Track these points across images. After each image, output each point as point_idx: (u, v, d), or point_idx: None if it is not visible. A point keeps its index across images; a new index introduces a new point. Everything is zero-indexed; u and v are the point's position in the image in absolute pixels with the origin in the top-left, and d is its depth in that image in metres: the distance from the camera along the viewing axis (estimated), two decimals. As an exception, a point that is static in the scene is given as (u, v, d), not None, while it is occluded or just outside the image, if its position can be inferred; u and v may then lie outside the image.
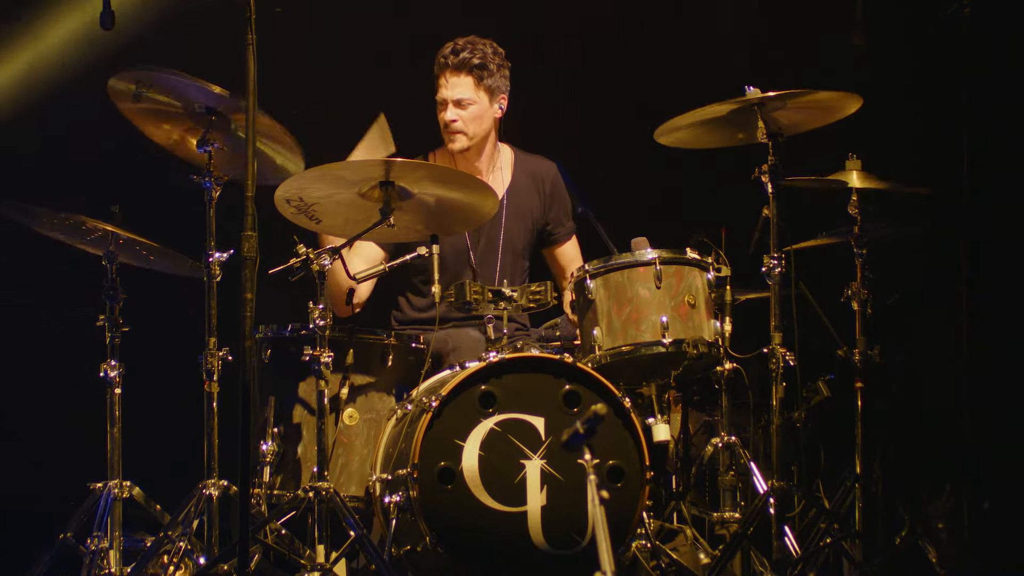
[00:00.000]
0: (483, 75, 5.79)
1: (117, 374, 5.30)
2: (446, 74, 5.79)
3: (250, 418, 4.43)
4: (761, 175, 5.34)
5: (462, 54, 5.76)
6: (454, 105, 5.80)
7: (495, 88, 5.83)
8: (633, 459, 5.07)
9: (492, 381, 5.03)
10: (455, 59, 5.77)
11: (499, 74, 5.83)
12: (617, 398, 5.08)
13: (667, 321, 5.25)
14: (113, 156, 6.59)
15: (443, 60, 5.80)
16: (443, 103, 5.82)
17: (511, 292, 5.27)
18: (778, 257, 5.33)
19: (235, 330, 4.44)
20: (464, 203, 5.20)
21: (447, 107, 5.81)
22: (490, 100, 5.83)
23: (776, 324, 5.28)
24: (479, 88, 5.80)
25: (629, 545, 5.07)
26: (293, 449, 5.29)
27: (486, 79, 5.80)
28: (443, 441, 4.97)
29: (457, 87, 5.79)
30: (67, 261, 6.08)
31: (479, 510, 4.95)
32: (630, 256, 5.37)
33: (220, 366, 5.12)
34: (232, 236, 4.59)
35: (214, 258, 5.14)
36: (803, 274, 5.57)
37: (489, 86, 5.81)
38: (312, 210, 5.15)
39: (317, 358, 5.07)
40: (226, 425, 5.17)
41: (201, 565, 5.01)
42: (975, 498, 5.62)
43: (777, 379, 5.27)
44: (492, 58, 5.81)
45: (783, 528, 5.20)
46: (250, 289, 4.40)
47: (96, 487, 5.25)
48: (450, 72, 5.78)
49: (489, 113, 5.85)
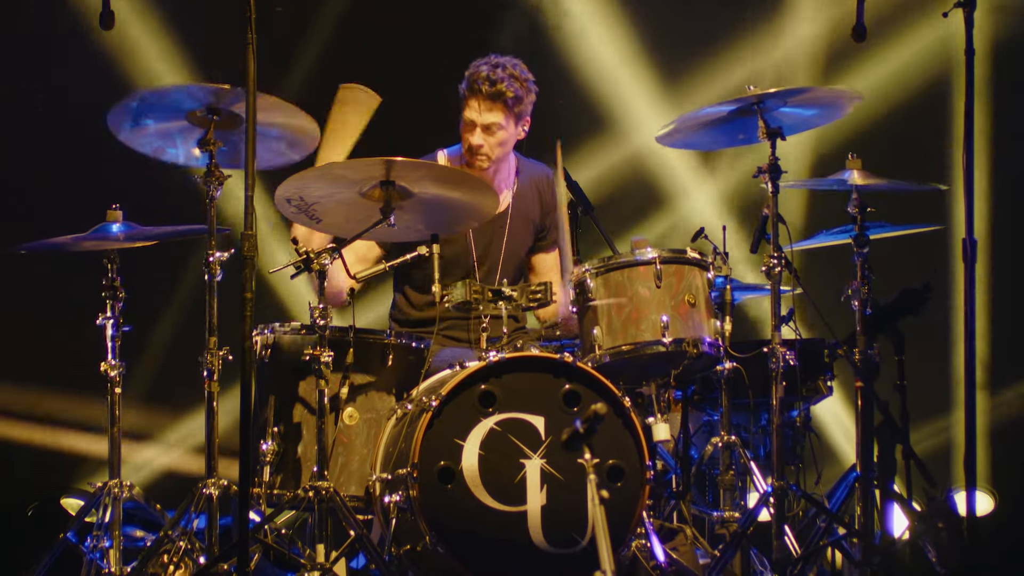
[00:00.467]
0: (515, 106, 5.76)
1: (117, 373, 5.30)
2: (478, 100, 5.74)
3: (249, 418, 4.42)
4: (761, 174, 5.34)
5: (498, 85, 5.71)
6: (483, 130, 5.76)
7: (522, 114, 5.81)
8: (633, 459, 5.07)
9: (492, 380, 5.03)
10: (490, 89, 5.71)
11: (527, 100, 5.81)
12: (617, 397, 5.08)
13: (667, 320, 5.25)
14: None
15: (477, 87, 5.73)
16: (471, 124, 5.77)
17: (511, 292, 5.27)
18: (778, 256, 5.32)
19: (235, 329, 4.44)
20: (464, 202, 5.20)
21: (474, 130, 5.76)
22: (516, 125, 5.81)
23: (776, 323, 5.28)
24: (509, 117, 5.76)
25: (629, 544, 5.07)
26: (293, 449, 5.29)
27: (516, 108, 5.77)
28: (443, 441, 4.97)
29: (488, 115, 5.74)
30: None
31: (479, 510, 4.94)
32: (630, 255, 5.37)
33: (220, 365, 5.13)
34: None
35: (214, 257, 5.14)
36: (802, 274, 5.58)
37: (518, 113, 5.79)
38: (313, 209, 5.15)
39: (317, 357, 5.07)
40: (226, 425, 5.19)
41: (201, 565, 5.01)
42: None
43: (777, 378, 5.27)
44: (524, 87, 5.77)
45: (783, 527, 5.20)
46: (250, 288, 4.40)
47: (96, 487, 5.25)
48: (483, 100, 5.73)
49: (514, 137, 5.84)
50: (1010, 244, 7.30)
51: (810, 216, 7.30)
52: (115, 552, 5.19)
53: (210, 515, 5.07)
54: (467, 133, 5.79)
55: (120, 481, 5.25)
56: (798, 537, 5.31)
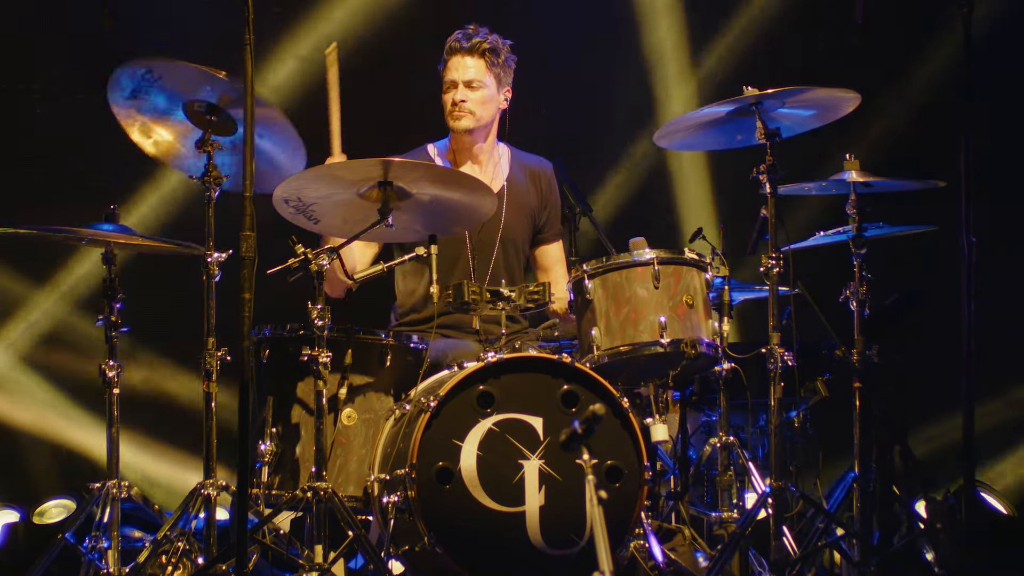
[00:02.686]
0: (494, 60, 5.88)
1: (116, 374, 5.29)
2: (457, 56, 5.88)
3: (249, 418, 4.42)
4: (759, 175, 5.34)
5: (474, 38, 5.87)
6: (464, 86, 5.87)
7: (502, 77, 5.92)
8: (631, 459, 5.07)
9: (490, 381, 5.03)
10: (467, 42, 5.87)
11: (506, 64, 5.92)
12: (615, 398, 5.08)
13: (665, 321, 5.25)
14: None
15: (455, 44, 5.88)
16: (452, 84, 5.89)
17: (509, 292, 5.27)
18: (776, 257, 5.32)
19: (234, 330, 4.44)
20: (462, 203, 5.21)
21: (456, 88, 5.88)
22: (497, 87, 5.91)
23: (774, 324, 5.28)
24: (489, 72, 5.88)
25: (627, 545, 5.07)
26: (291, 449, 5.29)
27: (496, 65, 5.88)
28: (441, 441, 4.97)
29: (469, 68, 5.87)
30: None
31: (477, 510, 4.95)
32: (628, 256, 5.37)
33: (219, 366, 5.13)
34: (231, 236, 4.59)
35: (213, 258, 5.14)
36: (801, 274, 5.57)
37: (497, 73, 5.90)
38: (311, 210, 5.15)
39: (315, 358, 5.07)
40: (224, 425, 5.19)
41: (200, 565, 5.01)
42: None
43: (775, 379, 5.27)
44: (502, 46, 5.91)
45: (781, 528, 5.20)
46: (248, 289, 4.40)
47: (95, 487, 5.25)
48: (461, 54, 5.87)
49: (495, 100, 5.92)
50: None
51: (809, 216, 7.29)
52: (113, 553, 5.18)
53: (209, 516, 5.07)
54: (449, 94, 5.90)
55: (118, 481, 5.24)
56: (796, 538, 5.31)
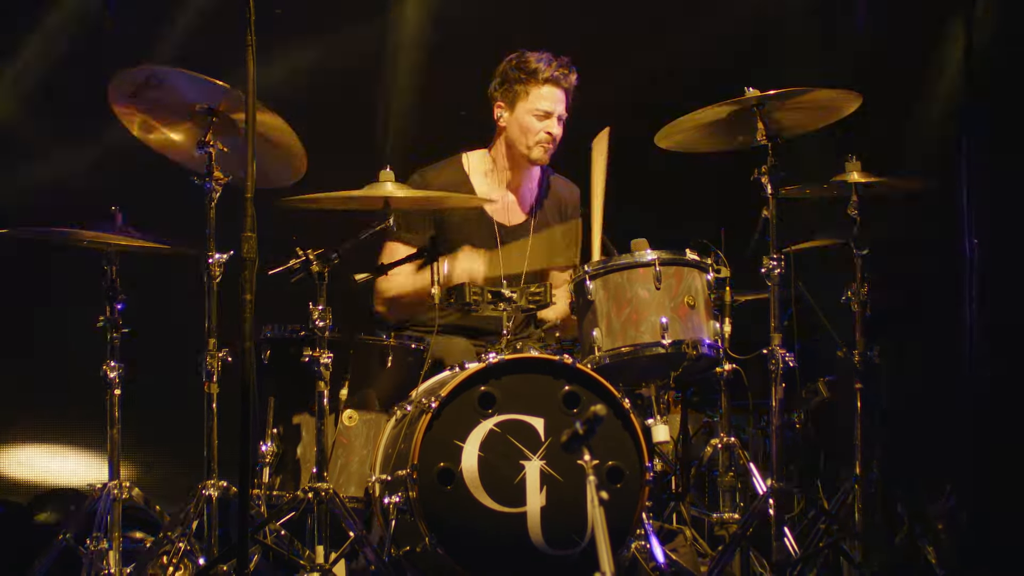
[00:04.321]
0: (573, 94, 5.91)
1: (117, 375, 5.29)
2: (552, 87, 5.83)
3: (250, 419, 4.42)
4: (760, 176, 5.34)
5: (571, 76, 5.85)
6: (557, 119, 5.86)
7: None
8: (632, 460, 5.07)
9: (491, 382, 5.04)
10: (566, 82, 5.85)
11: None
12: (616, 399, 5.09)
13: (667, 322, 5.26)
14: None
15: (554, 75, 5.83)
16: (546, 115, 5.85)
17: (510, 293, 5.27)
18: (777, 258, 5.32)
19: (235, 331, 4.44)
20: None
21: (551, 118, 5.86)
22: None
23: (775, 325, 5.28)
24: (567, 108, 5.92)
25: (628, 546, 5.07)
26: (292, 450, 5.29)
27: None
28: (442, 442, 4.97)
29: (560, 102, 5.86)
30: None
31: (478, 511, 4.95)
32: (630, 257, 5.37)
33: (220, 367, 5.12)
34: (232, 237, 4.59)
35: (214, 259, 5.14)
36: (803, 275, 5.58)
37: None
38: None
39: (317, 359, 5.07)
40: (226, 426, 5.18)
41: (200, 566, 5.01)
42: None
43: (776, 380, 5.27)
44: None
45: (782, 529, 5.20)
46: (249, 290, 4.40)
47: (95, 487, 5.25)
48: (558, 86, 5.85)
49: None
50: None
51: (809, 217, 7.29)
52: (114, 553, 5.18)
53: (209, 516, 5.07)
54: (542, 123, 5.85)
55: (120, 482, 5.24)
56: (798, 538, 5.31)
